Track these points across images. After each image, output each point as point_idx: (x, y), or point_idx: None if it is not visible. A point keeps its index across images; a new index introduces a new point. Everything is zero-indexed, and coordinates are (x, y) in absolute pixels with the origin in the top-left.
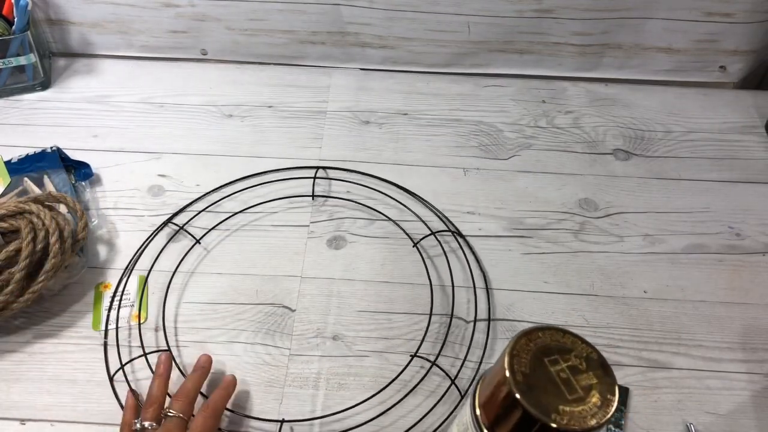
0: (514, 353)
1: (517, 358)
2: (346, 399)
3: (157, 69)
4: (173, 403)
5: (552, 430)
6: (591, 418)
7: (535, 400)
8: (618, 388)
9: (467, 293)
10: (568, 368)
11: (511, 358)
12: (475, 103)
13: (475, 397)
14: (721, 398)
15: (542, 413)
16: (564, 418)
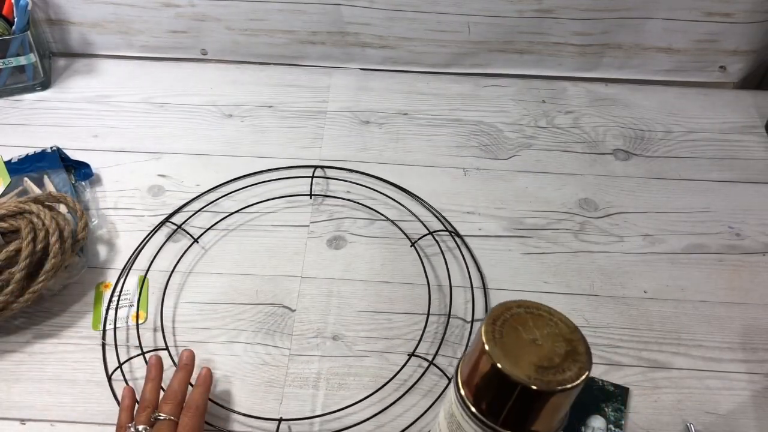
0: (491, 324)
1: (494, 328)
2: (346, 399)
3: (157, 69)
4: (162, 406)
5: (532, 392)
6: (569, 380)
7: (513, 365)
8: (588, 349)
9: (465, 293)
10: (544, 336)
11: (489, 327)
12: (476, 103)
13: (458, 375)
14: (721, 398)
15: (521, 376)
16: (543, 381)
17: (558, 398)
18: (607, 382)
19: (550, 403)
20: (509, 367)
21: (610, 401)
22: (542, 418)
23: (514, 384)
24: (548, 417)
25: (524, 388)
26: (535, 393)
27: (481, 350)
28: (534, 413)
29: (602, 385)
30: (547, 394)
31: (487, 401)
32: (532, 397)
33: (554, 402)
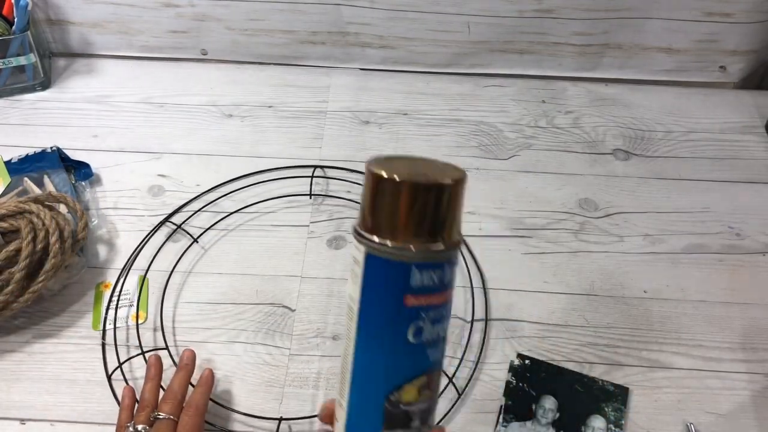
0: (375, 158)
1: (379, 159)
2: None
3: (157, 69)
4: (162, 406)
5: (417, 186)
6: (449, 177)
7: (388, 169)
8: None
9: (465, 293)
10: (427, 165)
11: (373, 159)
12: (476, 103)
13: (355, 228)
14: (722, 398)
15: (391, 173)
16: (428, 177)
17: (428, 195)
18: (608, 382)
19: (423, 203)
20: (382, 169)
21: (610, 401)
22: (420, 221)
23: (398, 186)
24: (426, 221)
25: (413, 187)
26: (405, 186)
27: (367, 182)
28: (409, 214)
29: (602, 385)
30: (417, 187)
31: (370, 219)
32: (402, 192)
33: (427, 200)
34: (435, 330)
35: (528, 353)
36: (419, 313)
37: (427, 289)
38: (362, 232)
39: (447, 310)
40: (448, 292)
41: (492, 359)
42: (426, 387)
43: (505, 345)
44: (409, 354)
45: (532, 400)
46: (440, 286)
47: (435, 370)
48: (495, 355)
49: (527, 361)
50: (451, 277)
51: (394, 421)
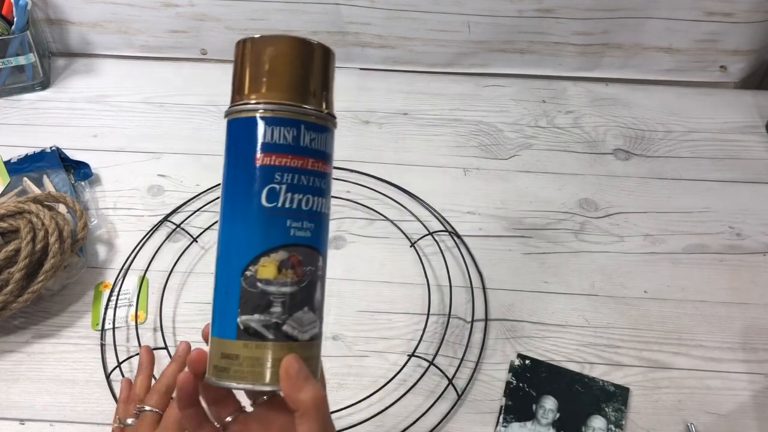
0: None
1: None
2: (346, 399)
3: (157, 69)
4: (148, 398)
5: (263, 40)
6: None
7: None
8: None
9: (466, 293)
10: None
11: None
12: (476, 102)
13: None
14: (722, 398)
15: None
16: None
17: (274, 48)
18: (608, 383)
19: (270, 56)
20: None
21: (610, 401)
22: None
23: (241, 45)
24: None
25: (244, 43)
26: (252, 42)
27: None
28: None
29: (603, 386)
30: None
31: (232, 90)
32: (250, 49)
33: (273, 53)
34: (295, 198)
35: (528, 353)
36: (272, 174)
37: (279, 148)
38: (227, 109)
39: (312, 178)
40: (310, 159)
41: (492, 359)
42: (288, 266)
43: (505, 345)
44: (264, 221)
45: (533, 401)
46: (297, 148)
47: (300, 248)
48: (495, 355)
49: (527, 362)
50: (314, 142)
51: (250, 303)
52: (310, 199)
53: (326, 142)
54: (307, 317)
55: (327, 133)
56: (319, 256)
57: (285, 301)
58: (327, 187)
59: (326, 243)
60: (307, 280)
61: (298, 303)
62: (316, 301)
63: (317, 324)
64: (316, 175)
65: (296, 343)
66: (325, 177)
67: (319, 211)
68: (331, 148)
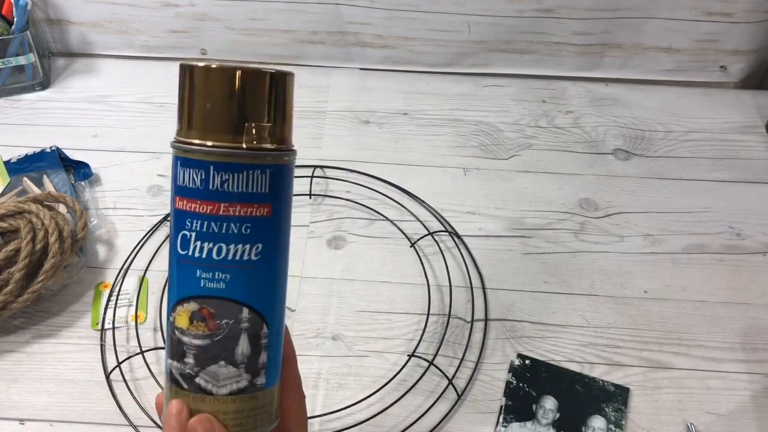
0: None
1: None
2: (346, 399)
3: (157, 69)
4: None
5: (184, 70)
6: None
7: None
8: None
9: (465, 293)
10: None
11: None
12: (476, 102)
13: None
14: (722, 398)
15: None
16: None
17: (193, 78)
18: (608, 383)
19: (190, 89)
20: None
21: (610, 401)
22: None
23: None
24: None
25: (198, 71)
26: (181, 71)
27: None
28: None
29: (603, 386)
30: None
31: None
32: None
33: (192, 86)
34: (205, 246)
35: (528, 353)
36: (184, 220)
37: (188, 192)
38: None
39: (226, 224)
40: (222, 203)
41: (492, 359)
42: (199, 318)
43: (505, 345)
44: (179, 269)
45: (533, 401)
46: (206, 192)
47: (213, 300)
48: (495, 355)
49: (527, 362)
50: (227, 184)
51: (172, 348)
52: (224, 247)
53: (251, 182)
54: (224, 371)
55: (252, 170)
56: (242, 308)
57: (197, 353)
58: (256, 232)
59: (261, 291)
60: (222, 334)
61: (212, 357)
62: (238, 354)
63: (241, 378)
64: (233, 221)
65: (211, 397)
66: (249, 221)
67: (238, 259)
68: (266, 185)
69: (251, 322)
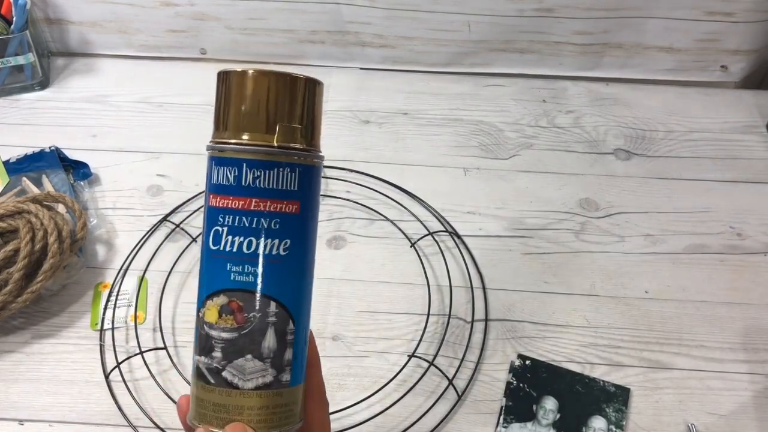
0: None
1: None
2: (346, 399)
3: (156, 68)
4: None
5: (220, 76)
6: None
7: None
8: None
9: (466, 293)
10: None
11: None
12: (476, 102)
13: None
14: (723, 398)
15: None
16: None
17: (227, 82)
18: (608, 383)
19: (224, 92)
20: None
21: (611, 402)
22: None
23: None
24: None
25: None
26: (219, 76)
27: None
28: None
29: (603, 386)
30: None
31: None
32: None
33: (226, 89)
34: (236, 240)
35: (528, 354)
36: (217, 216)
37: (222, 188)
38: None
39: (256, 219)
40: (253, 199)
41: (492, 360)
42: (228, 311)
43: (505, 345)
44: (210, 263)
45: (533, 401)
46: (239, 188)
47: (241, 293)
48: (495, 355)
49: (528, 362)
50: (259, 181)
51: (200, 344)
52: (254, 241)
53: (281, 179)
54: (251, 365)
55: (282, 168)
56: (270, 302)
57: (224, 347)
58: (285, 228)
59: (288, 286)
60: (250, 327)
61: (239, 350)
62: (264, 348)
63: (266, 373)
64: (263, 215)
65: (237, 391)
66: (278, 217)
67: (267, 253)
68: (295, 183)
69: (278, 317)
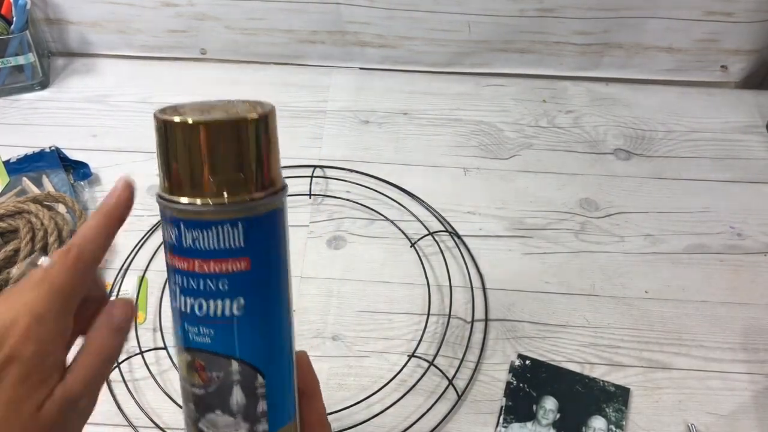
0: (162, 110)
1: (166, 111)
2: (346, 399)
3: (156, 68)
4: (54, 253)
5: (160, 124)
6: (228, 116)
7: (171, 114)
8: (264, 109)
9: (466, 293)
10: (221, 105)
11: (161, 111)
12: (476, 102)
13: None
14: (723, 398)
15: (172, 117)
16: (194, 117)
17: (211, 131)
18: (608, 383)
19: (168, 143)
20: (165, 114)
21: (611, 402)
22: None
23: (169, 126)
24: (225, 163)
25: (175, 126)
26: (187, 127)
27: (160, 140)
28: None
29: (603, 386)
30: (198, 126)
31: (180, 174)
32: (188, 135)
33: (214, 138)
34: (188, 301)
35: (528, 353)
36: (170, 274)
37: (168, 247)
38: (158, 192)
39: (203, 281)
40: (196, 260)
41: (492, 360)
42: (194, 368)
43: (505, 345)
44: (173, 318)
45: (533, 401)
46: (180, 249)
47: (202, 353)
48: (495, 355)
49: (528, 362)
50: (199, 241)
51: (181, 389)
52: (203, 303)
53: (223, 237)
54: (222, 420)
55: (221, 226)
56: (231, 361)
57: (196, 401)
58: (235, 287)
59: (251, 343)
60: (215, 386)
61: (208, 406)
62: (233, 404)
63: (239, 427)
64: (208, 277)
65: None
66: (225, 278)
67: (221, 315)
68: (241, 239)
69: (243, 374)
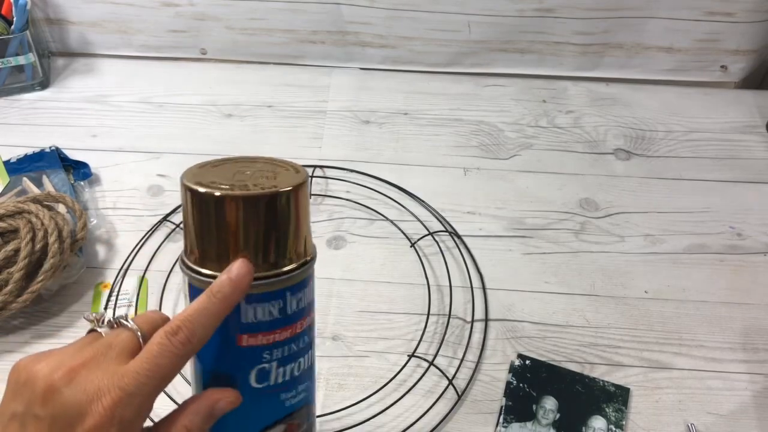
0: (192, 175)
1: (197, 177)
2: (346, 399)
3: (157, 68)
4: (160, 331)
5: (223, 200)
6: (260, 189)
7: (200, 182)
8: (299, 173)
9: (466, 293)
10: (254, 173)
11: (191, 171)
12: (476, 102)
13: (182, 258)
14: (723, 398)
15: (203, 187)
16: (226, 190)
17: (241, 210)
18: (608, 383)
19: (243, 217)
20: (194, 182)
21: (611, 402)
22: (250, 241)
23: (194, 195)
24: (254, 239)
25: (198, 196)
26: (217, 200)
27: (185, 201)
28: (232, 233)
29: (603, 386)
30: (228, 200)
31: (200, 249)
32: (210, 208)
33: (239, 216)
34: (287, 369)
35: (528, 353)
36: (260, 354)
37: (265, 326)
38: (185, 258)
39: (300, 342)
40: (298, 322)
41: (492, 360)
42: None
43: (505, 345)
44: (256, 402)
45: (533, 401)
46: (283, 319)
47: (296, 414)
48: (495, 355)
49: (528, 362)
50: (298, 304)
51: None
52: (301, 361)
53: (271, 308)
54: None
55: (268, 299)
56: (312, 406)
57: None
58: (311, 334)
59: (314, 380)
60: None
61: None
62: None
63: None
64: (304, 334)
65: None
66: (307, 330)
67: (308, 368)
68: (304, 298)
69: (311, 410)
